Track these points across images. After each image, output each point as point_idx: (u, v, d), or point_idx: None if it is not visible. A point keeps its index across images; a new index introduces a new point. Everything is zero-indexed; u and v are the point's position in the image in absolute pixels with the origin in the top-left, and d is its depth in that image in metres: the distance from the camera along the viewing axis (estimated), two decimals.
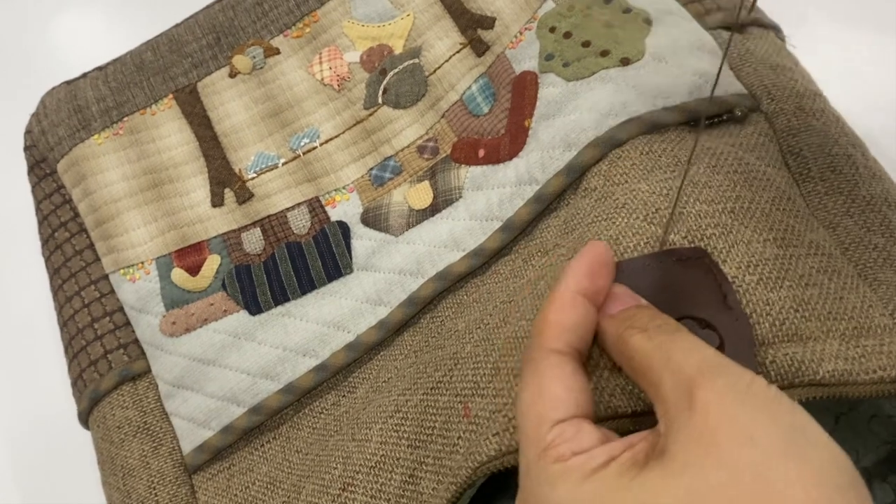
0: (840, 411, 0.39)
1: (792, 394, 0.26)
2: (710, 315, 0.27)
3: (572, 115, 0.37)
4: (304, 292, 0.42)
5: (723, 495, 0.21)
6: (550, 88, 0.39)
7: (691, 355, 0.24)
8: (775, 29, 0.43)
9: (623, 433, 0.26)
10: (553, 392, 0.26)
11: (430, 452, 0.32)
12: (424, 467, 0.32)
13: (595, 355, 0.28)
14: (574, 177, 0.36)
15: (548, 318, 0.27)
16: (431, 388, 0.34)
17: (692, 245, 0.28)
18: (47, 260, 0.47)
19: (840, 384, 0.26)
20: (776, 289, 0.27)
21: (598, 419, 0.28)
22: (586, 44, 0.38)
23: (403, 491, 0.33)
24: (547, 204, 0.37)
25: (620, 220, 0.31)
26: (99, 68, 0.49)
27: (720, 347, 0.26)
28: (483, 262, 0.39)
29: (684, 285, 0.27)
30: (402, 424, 0.34)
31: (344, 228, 0.43)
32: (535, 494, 0.25)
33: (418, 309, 0.39)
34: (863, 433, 0.38)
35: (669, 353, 0.24)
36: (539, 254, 0.36)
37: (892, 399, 0.37)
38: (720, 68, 0.30)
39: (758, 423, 0.22)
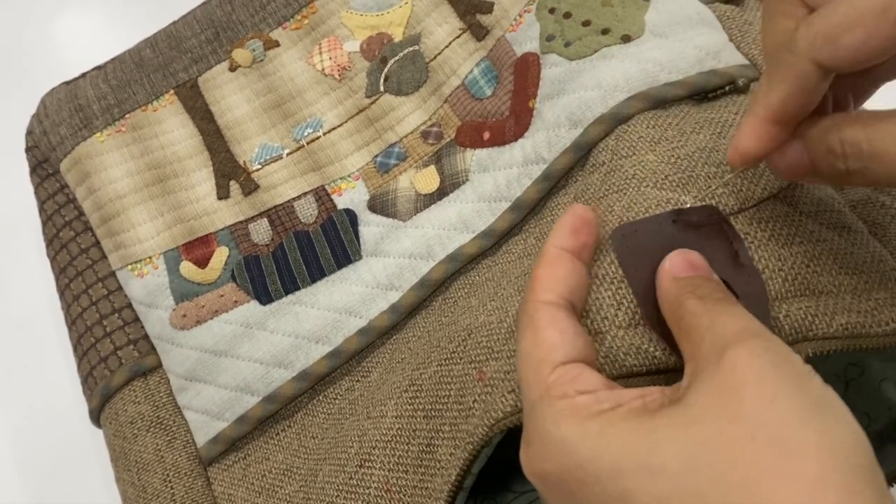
0: (850, 377, 0.39)
1: (805, 347, 0.27)
2: (723, 273, 0.27)
3: (577, 93, 0.37)
4: (314, 280, 0.42)
5: (735, 450, 0.21)
6: (553, 68, 0.39)
7: (736, 322, 0.24)
8: None
9: None
10: (549, 338, 0.26)
11: (445, 420, 0.33)
12: (441, 435, 0.32)
13: (610, 315, 0.29)
14: (581, 154, 0.36)
15: (538, 273, 0.28)
16: (445, 360, 0.34)
17: (703, 204, 0.29)
18: (53, 260, 0.47)
19: (852, 336, 0.26)
20: (788, 244, 0.28)
21: (611, 377, 0.28)
22: (587, 23, 0.39)
23: (421, 461, 0.33)
24: (555, 182, 0.37)
25: (631, 189, 0.32)
26: (98, 67, 0.49)
27: None
28: (493, 242, 0.39)
29: (696, 244, 0.28)
30: (417, 397, 0.34)
31: (351, 216, 0.43)
32: (540, 433, 0.25)
33: (430, 291, 0.40)
34: (874, 397, 0.38)
35: (717, 317, 0.24)
36: None
37: None
38: None
39: (785, 386, 0.21)
